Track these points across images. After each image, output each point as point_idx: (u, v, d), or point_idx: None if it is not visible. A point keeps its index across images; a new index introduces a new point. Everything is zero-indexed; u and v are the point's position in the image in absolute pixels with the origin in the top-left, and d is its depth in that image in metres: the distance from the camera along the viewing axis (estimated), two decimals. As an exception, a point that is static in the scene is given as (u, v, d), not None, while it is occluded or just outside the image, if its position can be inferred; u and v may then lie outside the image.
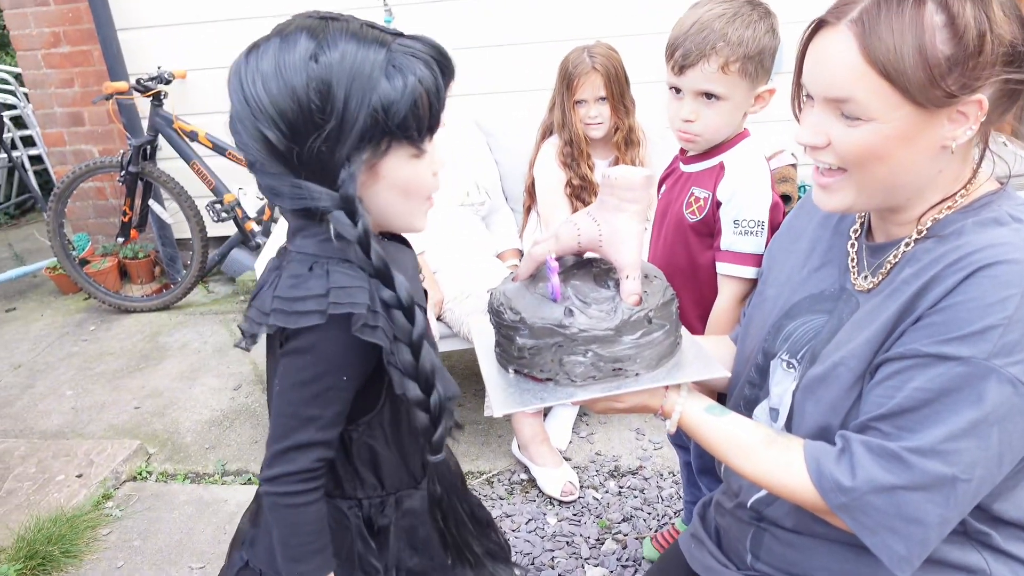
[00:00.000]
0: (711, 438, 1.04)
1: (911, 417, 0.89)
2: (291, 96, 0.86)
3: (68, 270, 3.74)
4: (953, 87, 0.84)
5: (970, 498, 0.90)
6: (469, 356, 2.91)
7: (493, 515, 2.17)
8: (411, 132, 0.90)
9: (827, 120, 0.92)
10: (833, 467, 0.93)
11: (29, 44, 3.86)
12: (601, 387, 1.01)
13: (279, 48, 0.87)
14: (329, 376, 0.93)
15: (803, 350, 1.08)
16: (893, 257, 0.99)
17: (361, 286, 0.91)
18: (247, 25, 3.57)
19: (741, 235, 1.46)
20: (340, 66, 0.86)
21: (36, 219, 5.46)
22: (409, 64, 0.88)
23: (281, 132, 0.87)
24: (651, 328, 1.02)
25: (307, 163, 0.88)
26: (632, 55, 2.54)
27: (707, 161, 1.52)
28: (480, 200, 2.63)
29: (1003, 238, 0.88)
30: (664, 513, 2.14)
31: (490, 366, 1.11)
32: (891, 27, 0.83)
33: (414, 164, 0.93)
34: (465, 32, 3.44)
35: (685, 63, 1.40)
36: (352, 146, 0.88)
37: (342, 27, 0.89)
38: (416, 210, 0.98)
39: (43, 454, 2.62)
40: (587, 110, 2.34)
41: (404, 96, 0.87)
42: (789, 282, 1.16)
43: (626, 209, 1.04)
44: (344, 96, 0.86)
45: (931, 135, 0.88)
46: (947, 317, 0.87)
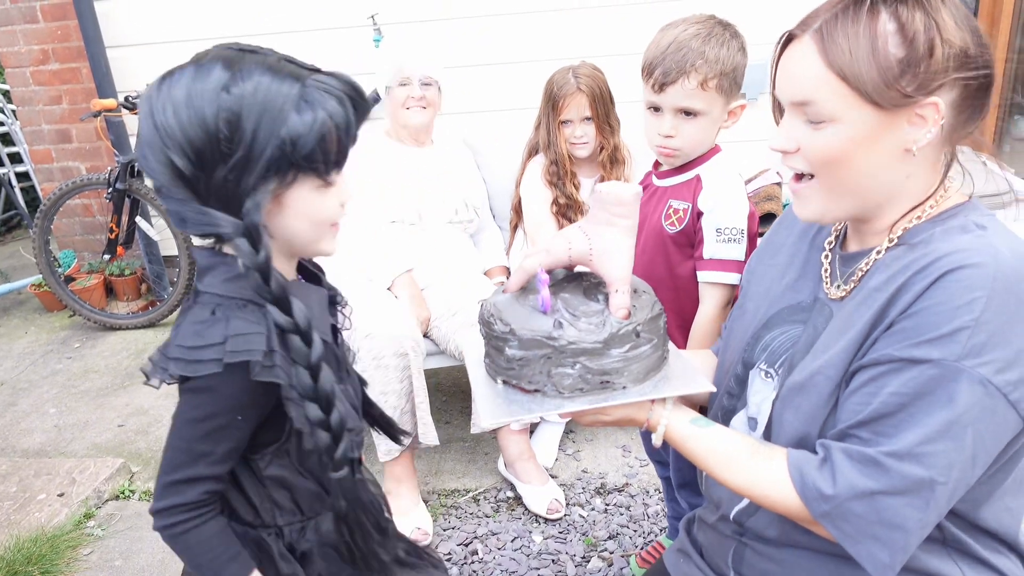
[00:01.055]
0: (696, 450, 1.05)
1: (888, 422, 0.90)
2: (200, 125, 0.88)
3: (53, 287, 3.72)
4: (908, 88, 0.89)
5: (946, 500, 0.91)
6: (456, 373, 2.91)
7: (479, 533, 2.17)
8: (317, 165, 0.93)
9: (795, 125, 0.97)
10: (816, 475, 0.94)
11: (18, 61, 3.86)
12: (588, 399, 1.02)
13: (193, 77, 0.89)
14: (223, 416, 0.96)
15: (780, 359, 1.10)
16: (864, 265, 1.01)
17: (258, 332, 0.93)
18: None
19: (724, 243, 1.49)
20: (251, 98, 0.88)
21: (22, 235, 5.44)
22: (320, 99, 0.91)
23: (188, 159, 0.89)
24: (639, 342, 1.03)
25: (214, 191, 0.90)
26: (617, 74, 2.57)
27: (682, 175, 1.55)
28: (468, 218, 2.64)
29: (967, 244, 0.90)
30: (650, 530, 2.14)
31: (479, 377, 1.11)
32: (847, 34, 0.90)
33: (320, 194, 0.96)
34: (454, 51, 3.47)
35: (665, 81, 1.44)
36: (258, 176, 0.90)
37: (259, 60, 0.92)
38: (321, 236, 1.01)
39: (24, 472, 2.59)
40: (572, 130, 2.36)
41: (312, 130, 0.90)
42: (768, 295, 1.18)
43: (616, 224, 1.05)
44: (253, 128, 0.88)
45: (892, 137, 0.92)
46: (917, 322, 0.89)
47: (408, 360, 2.16)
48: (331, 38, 3.58)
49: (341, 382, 1.08)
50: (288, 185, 0.93)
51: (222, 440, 0.97)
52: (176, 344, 0.94)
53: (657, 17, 3.53)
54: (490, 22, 3.51)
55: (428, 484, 2.42)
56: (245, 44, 0.96)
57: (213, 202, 0.91)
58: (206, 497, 0.99)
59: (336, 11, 3.53)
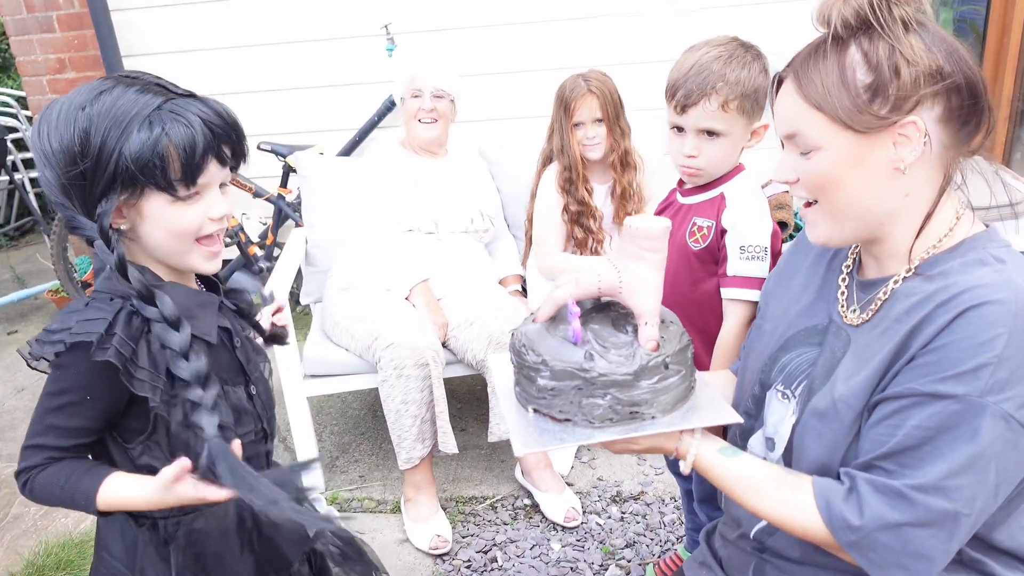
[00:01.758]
0: (724, 478, 1.08)
1: (912, 454, 0.93)
2: (59, 140, 0.99)
3: (71, 293, 3.77)
4: (881, 111, 0.94)
5: (969, 529, 0.94)
6: (471, 381, 2.94)
7: (498, 540, 2.21)
8: (157, 181, 1.01)
9: (791, 156, 1.04)
10: (842, 506, 0.97)
11: (34, 70, 3.91)
12: (618, 429, 1.05)
13: (67, 98, 1.02)
14: (72, 393, 1.03)
15: (797, 381, 1.13)
16: (883, 293, 1.04)
17: (102, 318, 1.01)
18: (246, 52, 3.64)
19: (748, 260, 1.52)
20: (102, 116, 0.98)
21: (36, 240, 5.49)
22: (166, 119, 0.99)
23: (55, 171, 1.00)
24: (667, 373, 1.06)
25: (75, 196, 1.02)
26: (631, 83, 2.61)
27: (707, 193, 1.58)
28: (484, 227, 2.68)
29: (987, 279, 0.93)
30: (667, 539, 2.18)
31: (509, 404, 1.14)
32: (818, 69, 0.98)
33: (176, 208, 1.04)
34: (467, 60, 3.50)
35: (687, 102, 1.47)
36: (105, 186, 1.00)
37: (129, 82, 1.02)
38: (186, 250, 1.08)
39: (49, 479, 2.64)
40: (584, 131, 2.42)
41: (147, 148, 0.98)
42: (785, 316, 1.22)
43: (645, 258, 1.09)
44: (100, 142, 0.98)
45: (878, 158, 0.97)
46: (940, 356, 0.92)
47: (429, 370, 2.20)
48: (345, 47, 3.61)
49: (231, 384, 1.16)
50: (139, 196, 1.02)
51: (73, 416, 1.04)
52: (44, 329, 1.04)
53: (667, 27, 3.59)
54: (503, 31, 3.54)
55: (446, 491, 2.46)
56: (134, 71, 1.07)
57: (79, 208, 1.02)
58: (48, 462, 1.06)
59: (350, 20, 3.56)
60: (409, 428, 2.22)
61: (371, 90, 3.61)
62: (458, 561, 2.16)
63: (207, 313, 1.14)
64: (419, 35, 3.55)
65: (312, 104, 3.71)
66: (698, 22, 3.45)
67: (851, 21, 0.95)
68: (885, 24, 0.94)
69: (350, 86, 3.66)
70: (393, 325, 2.24)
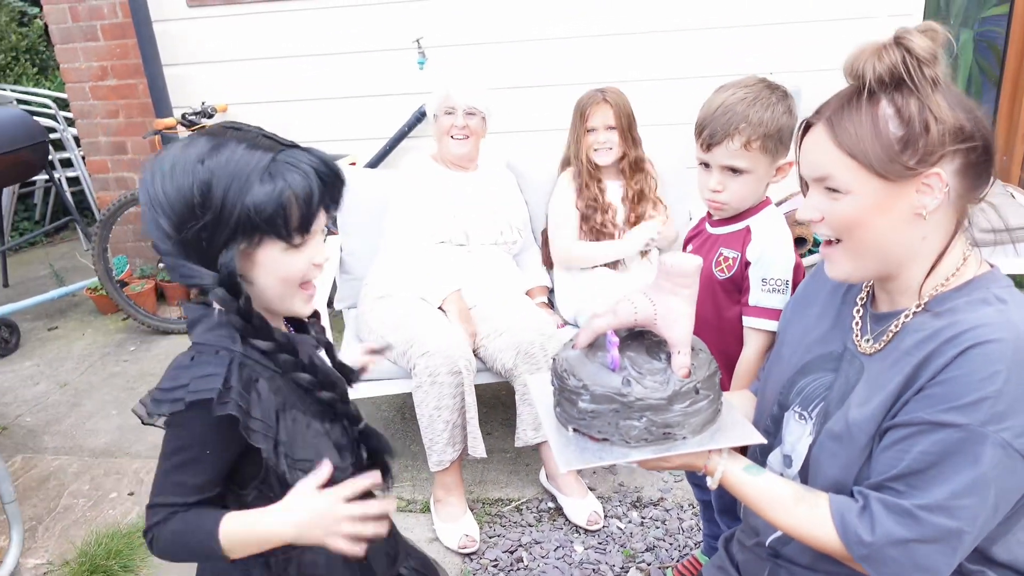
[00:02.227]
0: (749, 495, 1.18)
1: (920, 477, 1.04)
2: (178, 192, 1.02)
3: (111, 292, 3.91)
4: (910, 162, 1.04)
5: (971, 545, 1.05)
6: (497, 388, 3.05)
7: (523, 541, 2.32)
8: (279, 230, 1.05)
9: (818, 198, 1.13)
10: (856, 523, 1.07)
11: (78, 77, 4.06)
12: (653, 449, 1.15)
13: (180, 149, 1.04)
14: (192, 449, 1.06)
15: (814, 404, 1.24)
16: (894, 326, 1.14)
17: (216, 373, 1.04)
18: (283, 63, 3.77)
19: (768, 292, 1.61)
20: (222, 169, 1.02)
21: (71, 237, 5.65)
22: (284, 171, 1.04)
23: (171, 221, 1.02)
24: (698, 398, 1.15)
25: (192, 247, 1.04)
26: (651, 98, 2.73)
27: (734, 225, 1.67)
28: (512, 239, 2.78)
29: (990, 318, 1.04)
30: (685, 544, 2.28)
31: (550, 424, 1.25)
32: (852, 120, 1.06)
33: (288, 255, 1.08)
34: (496, 73, 3.62)
35: (712, 141, 1.57)
36: (227, 236, 1.03)
37: (239, 136, 1.05)
38: (292, 295, 1.12)
39: (95, 472, 2.78)
40: (596, 136, 2.59)
41: (271, 199, 1.03)
42: (802, 342, 1.32)
43: (679, 293, 1.19)
44: (222, 195, 1.01)
45: (903, 204, 1.06)
46: (946, 389, 1.02)
47: (461, 378, 2.31)
48: (377, 59, 3.73)
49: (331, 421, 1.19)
50: (256, 245, 1.06)
51: (196, 473, 1.07)
52: (157, 387, 1.06)
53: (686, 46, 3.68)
54: (529, 47, 3.65)
55: (473, 493, 2.58)
56: (237, 123, 1.11)
57: (194, 258, 1.05)
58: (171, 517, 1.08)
59: (383, 34, 3.68)
60: (441, 432, 2.33)
61: (402, 101, 3.73)
62: (485, 560, 2.27)
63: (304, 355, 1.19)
64: (449, 49, 3.67)
65: (345, 114, 3.84)
66: (715, 42, 3.55)
67: (884, 77, 1.04)
68: (918, 83, 1.03)
69: (382, 97, 3.78)
70: (428, 334, 2.36)
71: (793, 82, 2.87)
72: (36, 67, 5.99)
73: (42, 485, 2.73)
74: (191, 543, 1.07)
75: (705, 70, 3.53)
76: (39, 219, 5.79)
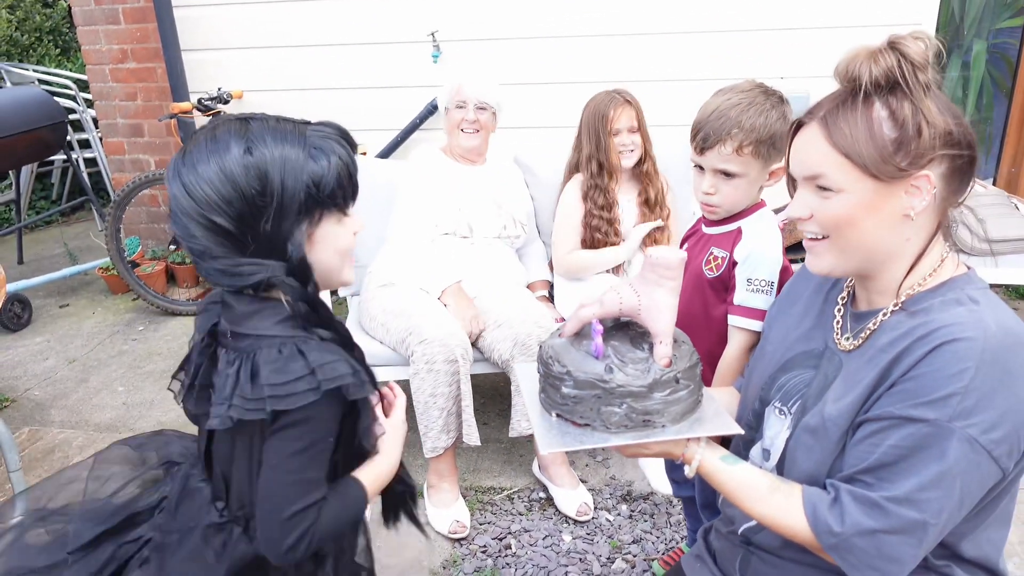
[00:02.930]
0: (725, 483, 1.21)
1: (889, 470, 1.07)
2: (234, 187, 1.01)
3: (122, 273, 3.98)
4: (902, 163, 1.06)
5: (936, 537, 1.08)
6: (495, 378, 3.09)
7: (512, 529, 2.36)
8: (339, 200, 1.08)
9: (808, 196, 1.14)
10: (827, 513, 1.10)
11: (98, 59, 4.12)
12: (632, 435, 1.18)
13: (215, 152, 1.02)
14: (322, 441, 1.07)
15: (793, 399, 1.27)
16: (872, 324, 1.17)
17: (339, 358, 1.05)
18: (299, 52, 3.82)
19: (753, 292, 1.64)
20: (272, 155, 1.02)
21: (86, 217, 5.74)
22: (327, 145, 1.07)
23: (230, 217, 1.01)
24: (678, 387, 1.19)
25: (257, 242, 1.03)
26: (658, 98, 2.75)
27: (727, 226, 1.70)
28: (516, 234, 2.82)
29: (961, 318, 1.07)
30: (671, 537, 2.32)
31: (534, 409, 1.28)
32: (847, 120, 1.08)
33: (340, 227, 1.10)
34: (507, 68, 3.66)
35: (705, 145, 1.60)
36: (294, 220, 1.04)
37: (261, 124, 1.06)
38: (344, 266, 1.15)
39: (99, 446, 2.81)
40: (622, 139, 2.61)
41: (330, 171, 1.05)
42: (785, 340, 1.36)
43: (663, 285, 1.22)
44: (280, 179, 1.02)
45: (892, 205, 1.09)
46: (916, 385, 1.05)
47: (458, 367, 2.35)
48: (392, 51, 3.78)
49: None
50: (316, 223, 1.08)
51: (323, 463, 1.07)
52: (265, 384, 1.01)
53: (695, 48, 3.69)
54: (542, 43, 3.69)
55: (466, 481, 2.62)
56: (244, 113, 1.11)
57: (256, 252, 1.04)
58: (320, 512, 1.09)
59: (398, 26, 3.73)
60: (436, 420, 2.37)
61: (415, 93, 3.78)
62: (474, 546, 2.31)
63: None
64: (463, 43, 3.71)
65: (358, 104, 3.88)
66: (726, 45, 3.58)
67: (880, 80, 1.06)
68: (912, 86, 1.06)
69: (395, 89, 3.83)
70: (427, 323, 2.40)
71: (802, 87, 2.90)
72: (59, 48, 6.08)
73: (47, 457, 2.79)
74: (349, 517, 1.11)
75: (714, 72, 3.55)
76: (56, 198, 5.88)
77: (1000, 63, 4.24)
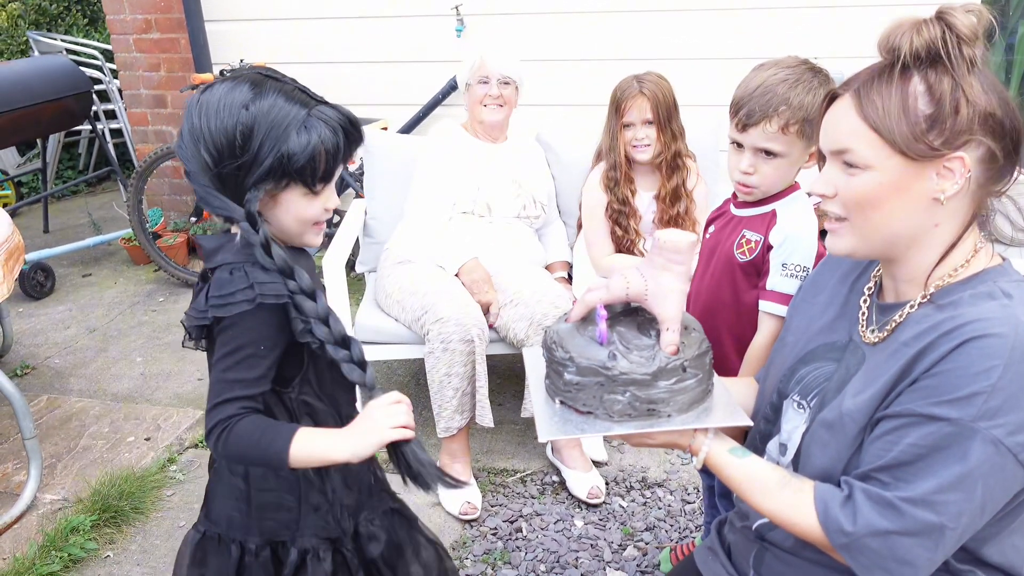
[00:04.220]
0: (733, 476, 1.16)
1: (906, 469, 1.01)
2: (222, 131, 1.11)
3: (144, 244, 3.99)
4: (935, 142, 0.99)
5: (955, 543, 1.02)
6: (511, 359, 3.06)
7: (524, 512, 2.34)
8: (306, 178, 1.15)
9: (834, 172, 1.08)
10: (838, 511, 1.05)
11: (122, 28, 4.12)
12: (636, 424, 1.14)
13: (226, 90, 1.13)
14: (250, 346, 1.15)
15: (812, 393, 1.21)
16: (899, 316, 1.11)
17: (275, 280, 1.14)
18: (322, 24, 3.78)
19: (787, 277, 1.57)
20: (264, 116, 1.11)
21: (111, 188, 5.78)
22: (317, 127, 1.14)
23: (211, 155, 1.12)
24: (685, 376, 1.14)
25: (225, 182, 1.14)
26: (687, 78, 2.66)
27: (760, 208, 1.62)
28: (536, 214, 2.77)
29: (991, 312, 1.00)
30: (685, 526, 2.28)
31: (539, 395, 1.25)
32: (881, 93, 1.02)
33: (307, 200, 1.18)
34: (532, 45, 3.58)
35: (748, 122, 1.50)
36: (259, 177, 1.13)
37: (278, 86, 1.14)
38: (306, 232, 1.23)
39: (115, 416, 2.85)
40: (634, 132, 2.46)
41: (304, 150, 1.13)
42: (807, 330, 1.29)
43: (672, 269, 1.17)
44: (260, 140, 1.11)
45: (921, 186, 1.02)
46: (939, 382, 0.99)
47: (473, 347, 2.32)
48: (416, 25, 3.72)
49: None
50: (283, 188, 1.16)
51: (252, 367, 1.15)
52: (208, 295, 1.14)
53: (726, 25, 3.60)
54: (568, 19, 3.61)
55: (479, 462, 2.59)
56: (271, 70, 1.19)
57: (226, 191, 1.14)
58: (242, 411, 1.15)
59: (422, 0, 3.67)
60: (450, 400, 2.35)
61: (438, 68, 3.72)
62: (485, 528, 2.29)
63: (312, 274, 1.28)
64: (488, 18, 3.64)
65: (381, 78, 3.84)
66: (756, 22, 3.47)
67: (921, 53, 0.99)
68: (954, 61, 0.99)
69: (418, 63, 3.78)
70: (443, 301, 2.37)
71: (837, 67, 2.80)
72: (87, 18, 6.08)
73: (64, 425, 2.81)
74: (262, 445, 1.14)
75: (744, 51, 3.45)
76: (83, 168, 5.91)
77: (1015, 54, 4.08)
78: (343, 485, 1.32)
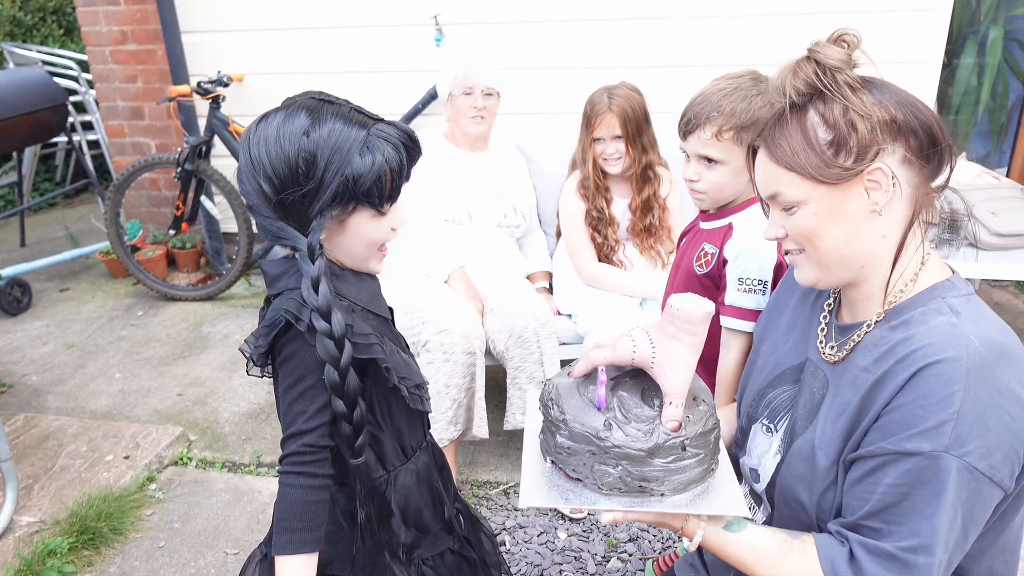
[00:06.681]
0: (735, 554, 1.12)
1: (894, 512, 1.02)
2: (284, 160, 1.10)
3: (121, 258, 3.95)
4: (847, 163, 1.03)
5: (947, 570, 1.04)
6: (492, 371, 3.04)
7: (507, 525, 2.32)
8: (373, 199, 1.14)
9: (777, 215, 1.14)
10: (847, 570, 1.04)
11: (98, 40, 4.07)
12: (624, 500, 1.07)
13: (283, 120, 1.11)
14: (308, 377, 1.14)
15: (780, 416, 1.23)
16: (856, 336, 1.13)
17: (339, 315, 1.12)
18: (301, 34, 3.76)
19: (744, 292, 1.58)
20: (325, 142, 1.10)
21: (89, 200, 5.72)
22: (380, 146, 1.12)
23: (273, 185, 1.10)
24: (683, 455, 1.07)
25: (289, 211, 1.12)
26: (664, 86, 2.66)
27: (719, 220, 1.65)
28: (516, 223, 2.77)
29: (941, 334, 1.01)
30: (668, 536, 2.27)
31: (532, 450, 1.19)
32: (784, 134, 1.08)
33: (375, 222, 1.17)
34: (510, 54, 3.58)
35: (687, 129, 1.58)
36: (325, 204, 1.11)
37: (335, 110, 1.13)
38: (371, 256, 1.23)
39: (93, 434, 2.82)
40: (604, 147, 2.49)
41: (371, 171, 1.11)
42: (774, 354, 1.31)
43: (682, 340, 1.10)
44: (324, 165, 1.09)
45: (854, 205, 1.05)
46: (904, 416, 1.00)
47: (474, 358, 2.31)
48: (394, 35, 3.71)
49: (406, 351, 1.31)
50: (350, 213, 1.15)
51: (313, 399, 1.14)
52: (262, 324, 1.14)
53: (703, 33, 3.61)
54: (545, 28, 3.61)
55: (463, 474, 2.58)
56: (326, 94, 1.17)
57: (290, 221, 1.13)
58: (306, 449, 1.14)
59: (401, 9, 3.66)
60: (446, 410, 2.33)
61: (417, 78, 3.71)
62: (469, 542, 2.28)
63: (378, 297, 1.30)
64: (466, 27, 3.63)
65: (360, 88, 3.82)
66: (734, 30, 3.49)
67: (803, 89, 1.05)
68: (832, 89, 1.04)
69: (397, 73, 3.76)
70: (443, 311, 2.35)
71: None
72: (62, 28, 6.03)
73: (41, 444, 2.77)
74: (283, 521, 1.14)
75: (719, 58, 3.47)
76: (60, 180, 5.85)
77: (1016, 50, 4.14)
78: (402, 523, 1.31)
